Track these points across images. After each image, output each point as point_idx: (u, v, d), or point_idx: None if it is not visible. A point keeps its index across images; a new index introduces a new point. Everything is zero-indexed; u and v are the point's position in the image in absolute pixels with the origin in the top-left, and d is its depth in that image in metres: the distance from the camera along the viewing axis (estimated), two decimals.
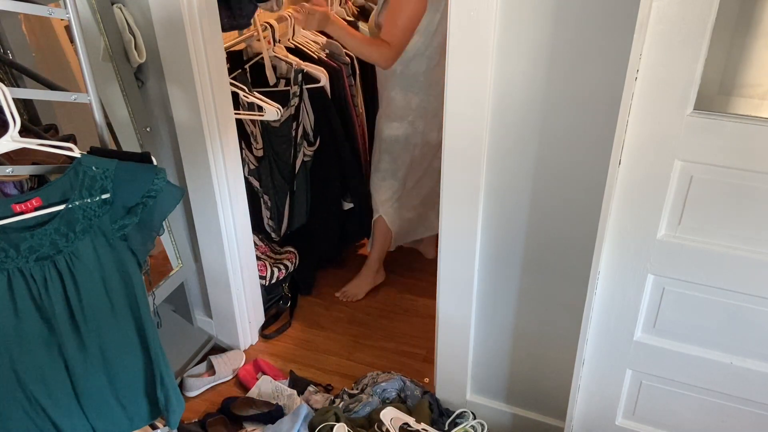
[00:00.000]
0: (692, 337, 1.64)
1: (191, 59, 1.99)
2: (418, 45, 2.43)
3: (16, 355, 1.33)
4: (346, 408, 2.26)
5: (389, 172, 2.72)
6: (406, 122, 2.59)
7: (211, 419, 2.24)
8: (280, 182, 2.68)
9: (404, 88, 2.52)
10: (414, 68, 2.48)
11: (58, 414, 1.42)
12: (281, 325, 2.78)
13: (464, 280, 1.96)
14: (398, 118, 2.59)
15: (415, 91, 2.52)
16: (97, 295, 1.35)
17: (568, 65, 1.55)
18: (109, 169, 1.28)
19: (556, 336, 1.95)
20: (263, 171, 2.64)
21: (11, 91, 1.21)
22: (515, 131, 1.69)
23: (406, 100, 2.55)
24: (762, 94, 1.45)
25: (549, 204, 1.76)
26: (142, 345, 1.46)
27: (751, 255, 1.48)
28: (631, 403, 1.83)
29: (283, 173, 2.66)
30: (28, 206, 1.24)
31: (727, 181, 1.43)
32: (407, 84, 2.51)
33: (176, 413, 1.55)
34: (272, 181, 2.67)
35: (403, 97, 2.54)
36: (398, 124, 2.60)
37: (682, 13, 1.28)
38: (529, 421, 2.15)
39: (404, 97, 2.54)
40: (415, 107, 2.55)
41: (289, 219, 2.77)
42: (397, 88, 2.53)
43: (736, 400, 1.68)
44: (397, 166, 2.70)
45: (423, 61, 2.46)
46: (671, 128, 1.40)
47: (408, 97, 2.54)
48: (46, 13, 1.23)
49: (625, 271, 1.62)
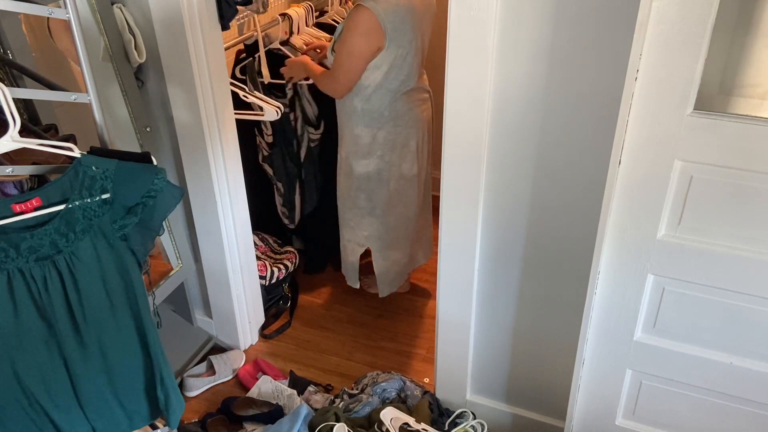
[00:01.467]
0: (692, 337, 1.64)
1: (191, 59, 1.99)
2: (380, 80, 2.33)
3: (16, 355, 1.34)
4: (346, 408, 2.26)
5: (366, 209, 2.60)
6: (375, 157, 2.48)
7: (211, 419, 2.25)
8: (292, 169, 2.75)
9: (368, 124, 2.43)
10: (376, 102, 2.38)
11: (58, 413, 1.42)
12: (281, 325, 2.78)
13: (464, 279, 1.96)
14: (366, 154, 2.48)
15: (381, 125, 2.42)
16: (97, 294, 1.35)
17: (568, 65, 1.56)
18: (109, 169, 1.28)
19: (556, 336, 1.95)
20: (276, 158, 2.69)
21: (11, 90, 1.21)
22: (515, 131, 1.69)
23: (371, 136, 2.44)
24: (762, 94, 1.45)
25: (549, 204, 1.76)
26: (142, 345, 1.46)
27: (751, 255, 1.48)
28: (631, 403, 1.83)
29: (293, 159, 2.73)
30: (28, 206, 1.24)
31: (727, 181, 1.43)
32: (371, 119, 2.42)
33: (176, 413, 1.55)
34: (284, 168, 2.74)
35: (369, 133, 2.44)
36: (367, 161, 2.49)
37: (682, 13, 1.28)
38: (529, 421, 2.15)
39: (370, 133, 2.44)
40: (382, 141, 2.45)
41: (302, 205, 2.85)
42: (360, 125, 2.43)
43: (736, 400, 1.68)
44: (374, 204, 2.58)
45: (386, 94, 2.37)
46: (671, 128, 1.40)
47: (373, 131, 2.43)
48: (46, 13, 1.23)
49: (625, 271, 1.62)
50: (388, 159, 2.49)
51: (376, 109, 2.39)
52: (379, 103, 2.38)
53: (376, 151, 2.47)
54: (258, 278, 2.63)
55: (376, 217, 2.61)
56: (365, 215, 2.61)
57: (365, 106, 2.39)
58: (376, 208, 2.58)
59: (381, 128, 2.42)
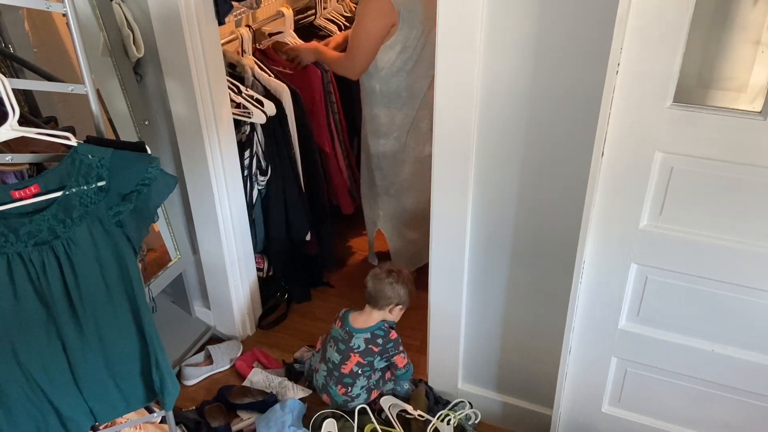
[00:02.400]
0: (675, 325, 1.68)
1: (188, 54, 2.03)
2: (395, 60, 2.45)
3: (15, 338, 1.38)
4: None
5: (382, 188, 2.75)
6: (392, 138, 2.61)
7: (208, 407, 2.29)
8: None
9: (386, 105, 2.55)
10: (394, 84, 2.50)
11: (57, 395, 1.47)
12: (278, 316, 2.82)
13: (455, 269, 1.99)
14: (383, 134, 2.62)
15: (398, 107, 2.55)
16: (94, 279, 1.40)
17: (553, 59, 1.59)
18: (105, 157, 1.32)
19: (544, 325, 1.99)
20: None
21: (11, 81, 1.25)
22: (503, 123, 1.72)
23: (389, 117, 2.57)
24: (739, 87, 1.48)
25: (536, 195, 1.79)
26: (138, 329, 1.50)
27: (731, 245, 1.52)
28: (616, 391, 1.87)
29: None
30: (27, 193, 1.28)
31: (706, 172, 1.46)
32: (388, 101, 2.54)
33: (171, 395, 1.59)
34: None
35: (386, 114, 2.57)
36: (384, 141, 2.63)
37: (660, 8, 1.32)
38: (519, 409, 2.19)
39: (387, 114, 2.57)
40: (399, 123, 2.58)
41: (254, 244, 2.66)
42: (379, 105, 2.56)
43: (718, 387, 1.72)
44: (389, 183, 2.72)
45: (403, 76, 2.48)
46: (652, 120, 1.44)
47: (391, 113, 2.56)
48: (44, 7, 1.27)
49: (609, 260, 1.66)
50: (404, 141, 2.61)
51: (393, 90, 2.52)
52: (396, 85, 2.51)
53: (392, 132, 2.60)
54: (255, 270, 2.68)
55: (392, 197, 2.75)
56: (381, 194, 2.77)
57: (383, 87, 2.52)
58: (391, 188, 2.73)
59: (399, 109, 2.55)
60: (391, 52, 2.44)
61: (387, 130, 2.60)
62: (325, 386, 2.26)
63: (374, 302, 2.21)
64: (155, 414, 1.74)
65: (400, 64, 2.46)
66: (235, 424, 2.25)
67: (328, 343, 2.26)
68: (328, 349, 2.25)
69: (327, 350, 2.26)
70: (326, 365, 2.25)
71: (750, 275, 1.52)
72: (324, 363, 2.27)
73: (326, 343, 2.28)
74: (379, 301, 2.20)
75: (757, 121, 1.35)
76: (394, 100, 2.54)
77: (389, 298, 2.19)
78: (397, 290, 2.19)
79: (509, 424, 2.25)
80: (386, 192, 2.75)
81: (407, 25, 2.39)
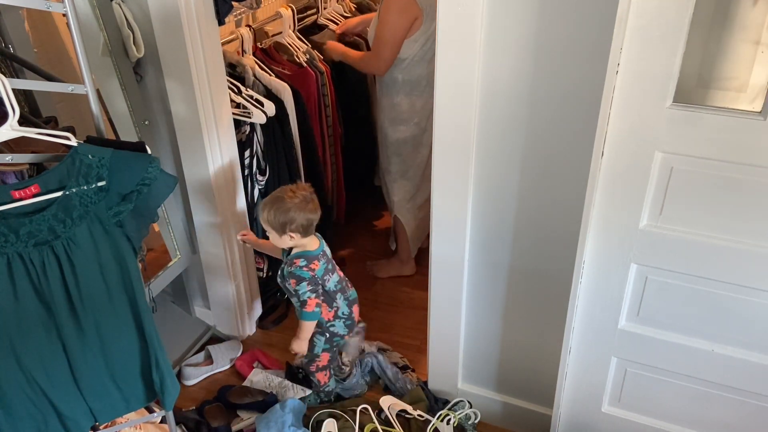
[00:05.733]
0: (675, 325, 1.68)
1: (188, 54, 2.03)
2: (417, 51, 2.53)
3: (15, 338, 1.38)
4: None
5: (399, 173, 2.83)
6: (412, 124, 2.70)
7: (208, 407, 2.29)
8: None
9: (408, 93, 2.64)
10: (416, 73, 2.59)
11: (57, 395, 1.47)
12: (278, 316, 2.82)
13: (455, 269, 1.99)
14: (404, 121, 2.70)
15: (419, 94, 2.63)
16: (94, 279, 1.40)
17: (553, 59, 1.59)
18: (105, 157, 1.33)
19: (544, 325, 1.98)
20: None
21: (11, 81, 1.25)
22: (503, 123, 1.72)
23: (410, 104, 2.66)
24: (738, 87, 1.49)
25: (536, 195, 1.79)
26: (138, 328, 1.51)
27: (730, 245, 1.51)
28: (616, 391, 1.87)
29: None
30: (27, 193, 1.29)
31: (706, 172, 1.46)
32: (410, 89, 2.62)
33: (171, 395, 1.59)
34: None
35: (408, 101, 2.65)
36: (405, 127, 2.71)
37: (660, 7, 1.32)
38: (519, 409, 2.19)
39: (409, 101, 2.65)
40: (419, 108, 2.66)
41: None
42: (401, 94, 2.64)
43: (718, 387, 1.72)
44: (407, 167, 2.81)
45: (424, 65, 2.56)
46: (651, 120, 1.44)
47: (412, 100, 2.65)
48: (44, 7, 1.28)
49: (609, 260, 1.66)
50: (424, 126, 2.70)
51: (415, 79, 2.60)
52: (418, 73, 2.59)
53: (413, 119, 2.69)
54: (256, 270, 2.68)
55: (408, 179, 2.84)
56: (397, 179, 2.85)
57: (405, 76, 2.60)
58: (409, 170, 2.81)
59: (420, 96, 2.63)
60: (415, 45, 2.52)
61: (408, 117, 2.69)
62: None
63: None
64: (155, 414, 1.75)
65: (422, 54, 2.54)
66: (235, 424, 2.25)
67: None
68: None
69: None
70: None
71: (750, 275, 1.52)
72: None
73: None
74: None
75: (757, 121, 1.35)
76: (416, 87, 2.62)
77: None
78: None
79: (509, 424, 2.25)
80: (403, 176, 2.84)
81: (430, 18, 2.46)
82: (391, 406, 2.25)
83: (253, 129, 2.44)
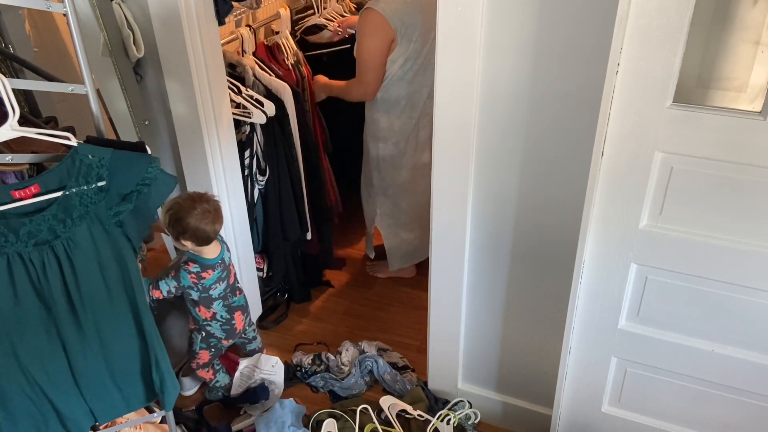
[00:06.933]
0: (675, 325, 1.68)
1: (188, 54, 2.03)
2: (396, 71, 2.50)
3: (15, 338, 1.38)
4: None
5: (379, 188, 2.81)
6: (390, 143, 2.67)
7: (207, 407, 2.30)
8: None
9: (386, 112, 2.61)
10: (394, 93, 2.56)
11: (57, 395, 1.47)
12: (278, 316, 2.83)
13: (455, 270, 1.99)
14: (382, 139, 2.67)
15: (397, 114, 2.60)
16: (94, 279, 1.40)
17: (553, 59, 1.59)
18: (105, 157, 1.33)
19: (544, 325, 1.99)
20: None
21: (11, 81, 1.25)
22: (503, 124, 1.72)
23: (388, 122, 2.63)
24: (738, 87, 1.49)
25: (536, 195, 1.79)
26: (138, 329, 1.51)
27: (730, 245, 1.51)
28: (616, 391, 1.87)
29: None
30: (27, 193, 1.29)
31: (706, 172, 1.46)
32: (389, 107, 2.60)
33: (171, 395, 1.59)
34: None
35: (386, 120, 2.62)
36: (383, 145, 2.69)
37: (660, 7, 1.32)
38: (519, 409, 2.19)
39: (387, 120, 2.62)
40: (398, 129, 2.63)
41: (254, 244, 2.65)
42: (380, 111, 2.62)
43: (718, 387, 1.72)
44: (386, 185, 2.78)
45: (404, 85, 2.53)
46: (651, 120, 1.44)
47: (390, 119, 2.62)
48: (44, 7, 1.28)
49: (609, 260, 1.66)
50: (403, 147, 2.66)
51: (393, 98, 2.57)
52: (396, 93, 2.55)
53: (391, 138, 2.65)
54: (255, 270, 2.68)
55: (388, 198, 2.81)
56: (378, 194, 2.83)
57: (383, 95, 2.57)
58: (388, 189, 2.79)
59: (398, 116, 2.60)
60: (394, 66, 2.50)
61: (386, 135, 2.65)
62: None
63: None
64: (155, 414, 1.75)
65: (401, 73, 2.51)
66: (235, 424, 2.25)
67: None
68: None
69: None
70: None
71: (750, 275, 1.52)
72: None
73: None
74: None
75: (757, 121, 1.35)
76: (394, 106, 2.59)
77: None
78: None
79: (509, 424, 2.25)
80: (384, 193, 2.81)
81: (405, 39, 2.43)
82: (391, 406, 2.25)
83: (253, 129, 2.44)
